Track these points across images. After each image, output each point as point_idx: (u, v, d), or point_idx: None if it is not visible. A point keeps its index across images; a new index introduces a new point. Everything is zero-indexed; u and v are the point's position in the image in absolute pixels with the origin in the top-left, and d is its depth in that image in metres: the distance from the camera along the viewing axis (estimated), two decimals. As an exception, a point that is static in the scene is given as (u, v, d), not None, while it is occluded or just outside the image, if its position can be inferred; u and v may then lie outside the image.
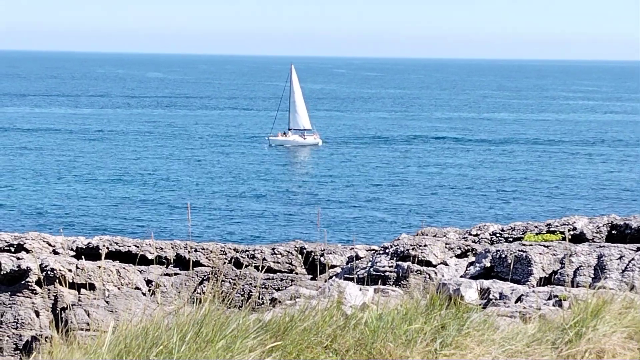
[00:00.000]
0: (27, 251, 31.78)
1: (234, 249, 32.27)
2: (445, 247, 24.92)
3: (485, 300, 17.59)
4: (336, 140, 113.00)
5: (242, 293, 26.44)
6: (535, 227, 25.23)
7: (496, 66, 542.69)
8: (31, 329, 29.68)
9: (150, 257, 31.69)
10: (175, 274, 30.89)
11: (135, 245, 32.14)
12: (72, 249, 32.11)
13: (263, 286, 27.85)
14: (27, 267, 30.94)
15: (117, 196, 70.67)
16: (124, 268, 31.25)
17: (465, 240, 25.79)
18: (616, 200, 70.53)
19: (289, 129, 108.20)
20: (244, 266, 30.57)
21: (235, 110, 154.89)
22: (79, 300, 30.55)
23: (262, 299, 21.81)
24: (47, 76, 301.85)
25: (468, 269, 23.08)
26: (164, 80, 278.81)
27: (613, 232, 23.37)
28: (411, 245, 24.70)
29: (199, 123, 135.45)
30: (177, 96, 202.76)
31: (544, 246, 22.27)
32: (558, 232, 24.05)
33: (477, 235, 26.14)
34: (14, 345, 28.78)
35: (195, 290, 29.03)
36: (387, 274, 23.41)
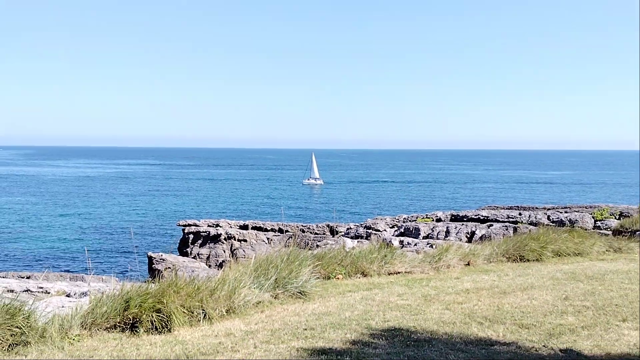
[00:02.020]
0: (220, 226, 31.96)
1: (301, 225, 32.40)
2: (386, 224, 24.87)
3: (402, 245, 17.53)
4: (332, 182, 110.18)
5: (305, 243, 26.39)
6: (421, 215, 25.15)
7: (425, 153, 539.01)
8: (222, 258, 29.86)
9: (269, 228, 31.83)
10: (278, 235, 31.00)
11: (262, 224, 32.28)
12: (238, 225, 32.24)
13: (313, 240, 27.85)
14: (220, 233, 31.10)
15: (249, 207, 70.31)
16: (258, 232, 31.41)
17: (394, 221, 25.72)
18: (453, 203, 69.94)
19: (310, 177, 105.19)
20: (305, 232, 30.72)
21: (291, 171, 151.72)
22: (240, 245, 30.66)
23: (312, 245, 21.72)
24: (218, 158, 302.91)
25: (395, 232, 23.00)
26: (276, 159, 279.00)
27: (453, 217, 23.23)
28: (371, 222, 24.65)
29: (275, 176, 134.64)
30: (277, 165, 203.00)
31: (425, 223, 22.17)
32: (431, 217, 23.92)
33: (397, 219, 26.04)
34: (215, 264, 28.99)
35: (286, 242, 29.02)
36: (362, 234, 23.37)
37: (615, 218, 19.83)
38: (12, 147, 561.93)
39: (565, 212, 22.00)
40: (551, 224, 19.50)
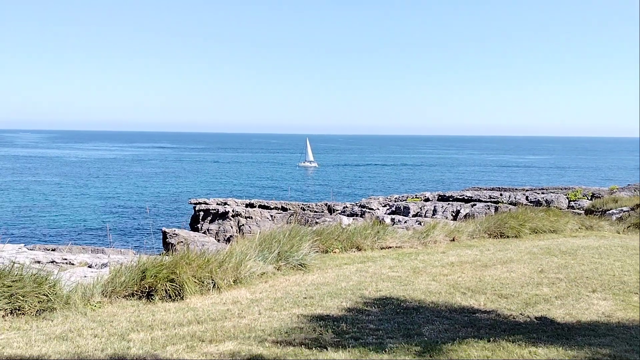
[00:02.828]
0: (228, 204, 31.91)
1: (302, 204, 32.29)
2: (379, 203, 24.85)
3: (393, 222, 17.55)
4: (325, 165, 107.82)
5: (305, 220, 26.36)
6: (411, 195, 25.15)
7: (415, 138, 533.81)
8: (230, 233, 29.85)
9: (272, 206, 31.73)
10: (281, 212, 30.91)
11: (267, 203, 32.18)
12: (245, 204, 32.15)
13: (313, 217, 27.80)
14: (228, 210, 31.06)
15: (253, 187, 69.39)
16: (263, 210, 31.32)
17: (386, 200, 25.70)
18: (440, 184, 69.58)
19: (305, 161, 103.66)
20: (305, 210, 30.62)
21: (289, 154, 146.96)
22: (246, 222, 30.64)
23: (312, 222, 21.73)
24: (230, 141, 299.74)
25: (387, 210, 23.02)
26: (279, 143, 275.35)
27: (440, 197, 23.24)
28: (365, 202, 24.65)
29: (277, 159, 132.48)
30: (279, 149, 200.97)
31: (414, 202, 22.18)
32: (420, 197, 23.93)
33: (389, 199, 26.03)
34: (224, 238, 28.99)
35: (288, 219, 28.99)
36: (357, 212, 23.38)
37: (588, 199, 19.87)
38: (39, 131, 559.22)
39: (542, 193, 22.03)
40: (529, 203, 19.53)
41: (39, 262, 8.88)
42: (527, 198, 20.48)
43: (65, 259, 9.30)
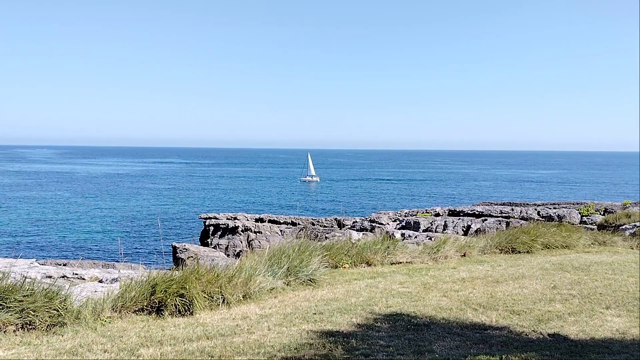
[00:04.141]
0: (237, 219, 31.91)
1: (311, 218, 32.21)
2: (389, 218, 24.72)
3: (403, 237, 17.44)
4: (327, 179, 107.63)
5: (315, 235, 26.26)
6: (422, 210, 25.01)
7: (425, 153, 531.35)
8: (239, 248, 29.80)
9: (282, 221, 31.70)
10: (290, 227, 30.84)
11: (276, 217, 32.15)
12: (254, 218, 32.13)
13: (322, 232, 27.69)
14: (237, 225, 31.10)
15: (258, 203, 69.57)
16: (272, 225, 31.29)
17: (396, 215, 25.55)
18: (451, 199, 69.05)
19: (307, 175, 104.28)
20: (315, 225, 30.50)
21: (292, 169, 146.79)
22: (256, 237, 30.61)
23: (321, 237, 21.63)
24: (232, 157, 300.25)
25: (397, 225, 22.88)
26: (287, 158, 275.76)
27: (451, 212, 23.07)
28: (375, 217, 24.52)
29: (283, 173, 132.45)
30: (286, 164, 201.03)
31: (425, 217, 22.04)
32: (430, 212, 23.78)
33: (399, 214, 25.87)
34: (233, 253, 28.91)
35: (297, 234, 28.90)
36: (366, 227, 23.25)
37: (600, 214, 19.66)
38: (51, 147, 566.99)
39: (554, 208, 21.83)
40: (541, 219, 19.36)
41: (50, 276, 8.94)
42: (538, 213, 20.30)
43: (76, 274, 9.36)
